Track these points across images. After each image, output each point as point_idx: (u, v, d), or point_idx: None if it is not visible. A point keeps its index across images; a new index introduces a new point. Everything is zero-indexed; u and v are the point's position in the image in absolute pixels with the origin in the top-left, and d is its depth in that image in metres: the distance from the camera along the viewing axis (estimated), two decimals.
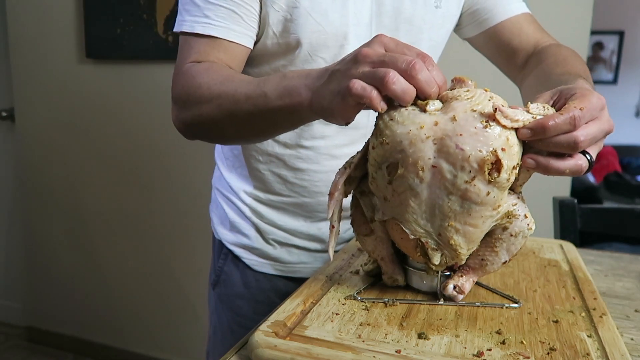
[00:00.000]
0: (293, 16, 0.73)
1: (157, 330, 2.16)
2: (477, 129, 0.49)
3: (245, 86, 0.64)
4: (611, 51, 4.98)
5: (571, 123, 0.48)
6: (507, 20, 0.87)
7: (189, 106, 0.71)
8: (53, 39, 2.09)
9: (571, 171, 0.51)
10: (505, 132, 0.49)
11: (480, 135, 0.48)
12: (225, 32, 0.72)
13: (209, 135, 0.75)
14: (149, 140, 2.02)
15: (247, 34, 0.74)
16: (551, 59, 0.78)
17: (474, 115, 0.49)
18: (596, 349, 0.49)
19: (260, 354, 0.47)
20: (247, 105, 0.63)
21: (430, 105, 0.51)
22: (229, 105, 0.65)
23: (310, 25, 0.74)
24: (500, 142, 0.49)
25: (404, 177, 0.51)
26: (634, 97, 5.01)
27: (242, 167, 0.89)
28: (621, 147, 4.51)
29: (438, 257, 0.56)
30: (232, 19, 0.72)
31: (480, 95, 0.51)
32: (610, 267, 0.87)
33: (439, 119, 0.50)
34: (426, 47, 0.83)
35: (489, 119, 0.49)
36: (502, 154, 0.49)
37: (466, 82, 0.58)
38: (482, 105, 0.50)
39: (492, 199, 0.51)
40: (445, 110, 0.51)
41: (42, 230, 2.31)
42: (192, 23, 0.73)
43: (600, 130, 0.51)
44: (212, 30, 0.72)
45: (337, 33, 0.76)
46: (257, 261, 0.91)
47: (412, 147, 0.50)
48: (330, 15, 0.75)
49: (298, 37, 0.75)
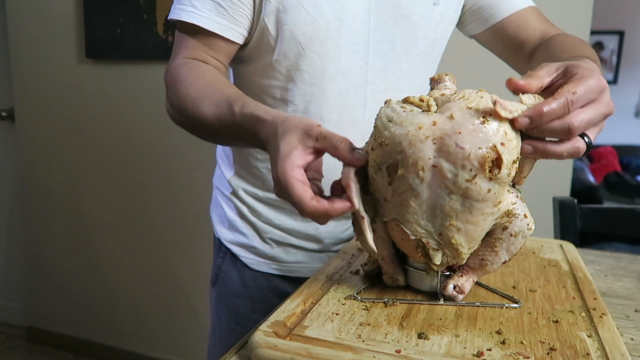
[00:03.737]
0: (286, 7, 0.74)
1: (157, 330, 2.16)
2: (475, 125, 0.49)
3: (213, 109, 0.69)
4: (611, 51, 4.98)
5: (565, 107, 0.48)
6: (512, 14, 0.87)
7: (173, 104, 0.76)
8: (53, 39, 2.09)
9: (569, 153, 0.51)
10: (503, 126, 0.49)
11: (479, 132, 0.48)
12: (209, 23, 0.75)
13: (192, 134, 0.79)
14: (149, 140, 2.02)
15: (231, 27, 0.76)
16: (558, 47, 0.78)
17: (470, 112, 0.49)
18: (596, 349, 0.49)
19: (260, 354, 0.47)
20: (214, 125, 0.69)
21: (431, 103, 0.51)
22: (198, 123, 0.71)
23: (303, 17, 0.75)
24: (499, 137, 0.49)
25: (404, 177, 0.51)
26: (634, 97, 5.01)
27: (242, 165, 0.90)
28: (621, 147, 4.51)
29: (439, 257, 0.56)
30: (217, 12, 0.75)
31: (471, 94, 0.51)
32: (610, 267, 0.87)
33: (437, 119, 0.50)
34: (423, 44, 0.84)
35: (488, 113, 0.49)
36: (501, 148, 0.49)
37: (442, 78, 0.59)
38: (476, 102, 0.50)
39: (493, 196, 0.51)
40: (442, 110, 0.51)
41: (42, 230, 2.31)
42: (179, 11, 0.76)
43: (598, 114, 0.51)
44: (196, 19, 0.75)
45: (329, 27, 0.76)
46: (254, 260, 0.91)
47: (411, 147, 0.50)
48: (323, 7, 0.75)
49: (290, 28, 0.75)
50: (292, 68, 0.78)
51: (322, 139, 0.53)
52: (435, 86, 0.59)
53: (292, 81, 0.79)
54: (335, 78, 0.79)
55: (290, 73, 0.79)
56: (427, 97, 0.53)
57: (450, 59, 1.03)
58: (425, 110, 0.51)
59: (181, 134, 1.63)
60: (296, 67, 0.78)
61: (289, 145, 0.54)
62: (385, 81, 0.83)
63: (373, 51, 0.81)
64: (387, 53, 0.82)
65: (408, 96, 0.54)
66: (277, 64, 0.79)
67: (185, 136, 1.88)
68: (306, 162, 0.54)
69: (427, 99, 0.53)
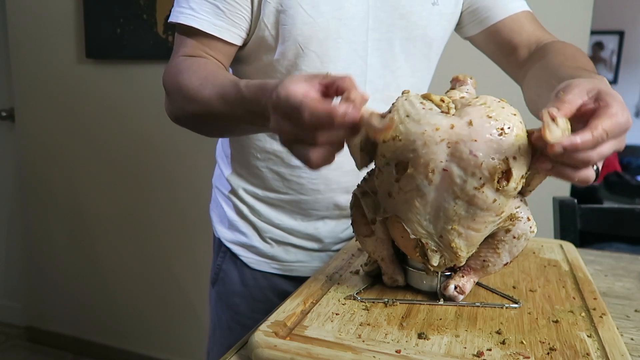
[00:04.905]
0: (284, 7, 0.75)
1: (157, 330, 2.16)
2: (493, 135, 0.48)
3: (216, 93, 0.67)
4: (611, 51, 4.98)
5: (596, 143, 0.47)
6: (507, 18, 0.87)
7: (173, 101, 0.76)
8: (53, 39, 2.09)
9: (580, 180, 0.50)
10: (519, 140, 0.49)
11: (495, 143, 0.48)
12: (207, 26, 0.76)
13: (193, 129, 0.79)
14: (149, 140, 2.02)
15: (229, 29, 0.76)
16: (559, 54, 0.77)
17: (489, 121, 0.49)
18: (596, 349, 0.49)
19: (260, 354, 0.47)
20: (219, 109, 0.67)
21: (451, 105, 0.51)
22: (201, 109, 0.69)
23: (301, 16, 0.75)
24: (513, 151, 0.49)
25: (413, 177, 0.51)
26: (634, 97, 5.01)
27: (241, 165, 0.90)
28: None
29: (437, 259, 0.56)
30: (214, 14, 0.75)
31: (493, 102, 0.51)
32: (610, 267, 0.87)
33: (455, 122, 0.49)
34: (422, 44, 0.84)
35: (509, 130, 0.48)
36: (513, 162, 0.49)
37: (466, 81, 0.58)
38: (497, 112, 0.49)
39: (497, 206, 0.51)
40: (460, 114, 0.50)
41: (42, 230, 2.31)
42: (178, 14, 0.77)
43: (614, 149, 0.50)
44: (194, 22, 0.75)
45: (328, 26, 0.76)
46: (254, 259, 0.92)
47: (425, 148, 0.49)
48: (322, 7, 0.75)
49: (289, 28, 0.75)
50: (291, 68, 0.79)
51: (328, 77, 0.51)
52: (457, 86, 0.58)
53: None
54: None
55: (290, 72, 0.79)
56: (448, 99, 0.52)
57: (450, 59, 1.03)
58: (444, 111, 0.51)
59: (181, 134, 1.64)
60: (296, 67, 0.78)
61: (294, 77, 0.52)
62: (384, 80, 0.83)
63: (372, 50, 0.81)
64: (385, 52, 0.82)
65: (429, 93, 0.54)
66: (277, 63, 0.79)
67: (185, 136, 1.89)
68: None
69: (447, 100, 0.52)
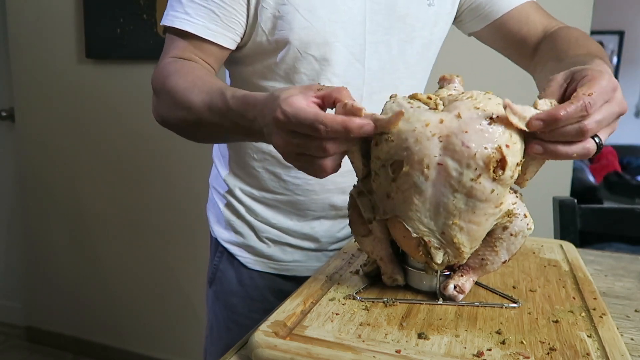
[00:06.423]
0: (281, 13, 0.75)
1: (156, 330, 2.16)
2: (482, 125, 0.49)
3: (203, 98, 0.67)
4: (611, 51, 4.98)
5: (583, 111, 0.47)
6: (512, 10, 0.86)
7: (161, 103, 0.76)
8: (53, 39, 2.09)
9: (579, 155, 0.50)
10: (510, 128, 0.49)
11: (486, 132, 0.49)
12: (202, 30, 0.75)
13: (179, 133, 0.79)
14: (149, 140, 2.02)
15: (224, 34, 0.76)
16: (563, 42, 0.77)
17: (477, 112, 0.50)
18: (596, 349, 0.49)
19: (260, 354, 0.47)
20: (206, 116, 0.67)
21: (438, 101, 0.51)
22: (187, 115, 0.70)
23: (299, 21, 0.75)
24: (505, 139, 0.49)
25: (409, 174, 0.51)
26: (634, 97, 5.01)
27: (238, 165, 0.90)
28: (621, 147, 4.51)
29: (440, 256, 0.56)
30: (210, 18, 0.75)
31: (479, 95, 0.51)
32: (610, 267, 0.87)
33: (444, 117, 0.50)
34: (419, 45, 0.84)
35: (496, 115, 0.49)
36: (506, 150, 0.49)
37: (453, 79, 0.59)
38: (484, 103, 0.50)
39: (496, 197, 0.51)
40: (449, 109, 0.51)
41: (42, 230, 2.31)
42: (172, 18, 0.76)
43: (611, 114, 0.50)
44: (189, 27, 0.75)
45: (325, 30, 0.76)
46: (251, 259, 0.92)
47: (417, 144, 0.50)
48: (319, 11, 0.75)
49: (287, 34, 0.75)
50: (290, 71, 0.79)
51: (322, 88, 0.52)
52: (445, 85, 0.58)
53: (290, 83, 0.80)
54: (332, 80, 0.79)
55: (289, 75, 0.79)
56: (435, 96, 0.53)
57: (448, 59, 1.03)
58: (432, 108, 0.51)
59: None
60: (294, 70, 0.79)
61: (289, 91, 0.53)
62: (382, 82, 0.83)
63: (369, 53, 0.81)
64: (383, 55, 0.82)
65: (415, 92, 0.54)
66: (275, 67, 0.79)
67: None
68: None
69: (434, 97, 0.53)
